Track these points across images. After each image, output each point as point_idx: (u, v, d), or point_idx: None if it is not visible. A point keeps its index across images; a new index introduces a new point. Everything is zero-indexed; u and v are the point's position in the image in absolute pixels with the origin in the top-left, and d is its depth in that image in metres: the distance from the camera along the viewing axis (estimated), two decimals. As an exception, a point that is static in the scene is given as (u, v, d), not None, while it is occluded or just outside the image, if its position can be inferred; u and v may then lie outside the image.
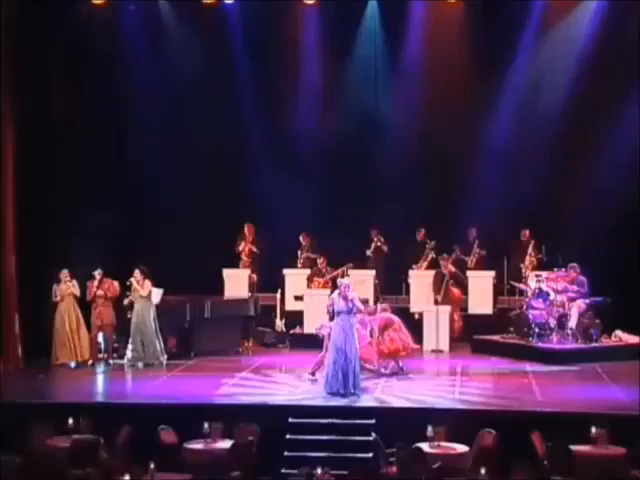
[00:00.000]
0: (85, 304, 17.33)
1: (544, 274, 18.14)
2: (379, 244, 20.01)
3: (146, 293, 16.87)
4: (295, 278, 19.51)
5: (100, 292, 17.15)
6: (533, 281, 18.12)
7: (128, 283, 16.96)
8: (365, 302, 16.70)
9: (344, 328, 14.50)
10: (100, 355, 17.37)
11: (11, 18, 16.72)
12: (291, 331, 19.04)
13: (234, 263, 20.02)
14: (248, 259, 20.07)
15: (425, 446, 11.89)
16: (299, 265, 20.05)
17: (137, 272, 16.93)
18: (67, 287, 17.07)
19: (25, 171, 17.21)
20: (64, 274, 17.04)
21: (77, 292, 17.18)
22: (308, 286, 19.30)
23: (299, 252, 20.10)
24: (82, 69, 18.95)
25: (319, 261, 19.50)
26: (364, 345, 15.55)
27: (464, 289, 19.21)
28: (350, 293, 14.59)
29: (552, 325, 17.50)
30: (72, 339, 17.08)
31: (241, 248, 20.04)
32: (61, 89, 18.53)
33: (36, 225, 17.35)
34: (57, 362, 16.97)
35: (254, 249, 20.08)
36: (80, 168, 18.72)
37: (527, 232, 19.44)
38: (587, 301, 17.67)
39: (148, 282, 16.96)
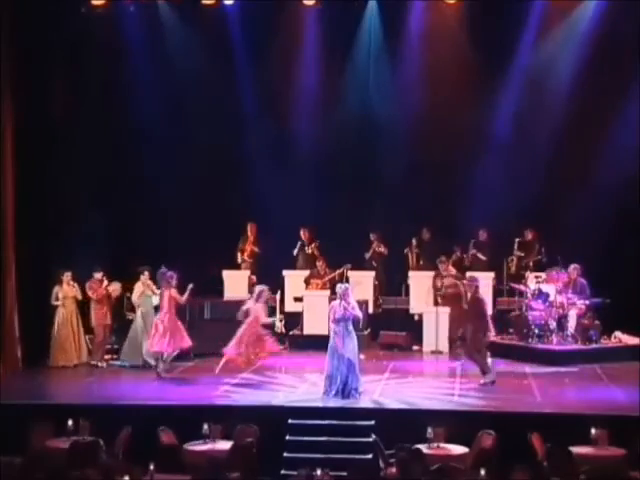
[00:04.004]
0: (82, 306, 17.33)
1: (543, 275, 18.15)
2: (379, 249, 19.99)
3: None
4: (294, 279, 19.50)
5: (103, 292, 17.13)
6: (532, 282, 18.12)
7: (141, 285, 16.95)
8: (364, 303, 16.73)
9: (342, 334, 14.50)
10: (107, 356, 17.39)
11: (11, 18, 16.72)
12: (290, 332, 19.03)
13: (234, 264, 20.00)
14: (250, 259, 20.04)
15: (425, 447, 11.89)
16: (298, 261, 19.97)
17: (147, 274, 16.89)
18: (70, 289, 17.03)
19: (25, 171, 17.20)
20: (67, 276, 16.98)
21: (79, 295, 17.14)
22: (306, 287, 19.28)
23: (296, 250, 20.03)
24: (82, 69, 18.96)
25: (318, 263, 19.48)
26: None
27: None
28: (348, 299, 14.61)
29: (552, 326, 17.50)
30: (73, 342, 17.04)
31: (243, 248, 19.99)
32: (61, 89, 18.53)
33: (36, 225, 17.32)
34: (56, 365, 16.92)
35: (255, 249, 20.05)
36: (80, 168, 18.73)
37: (530, 233, 19.46)
38: (587, 302, 17.67)
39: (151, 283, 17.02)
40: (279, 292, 19.29)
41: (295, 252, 20.00)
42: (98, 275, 17.22)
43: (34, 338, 16.99)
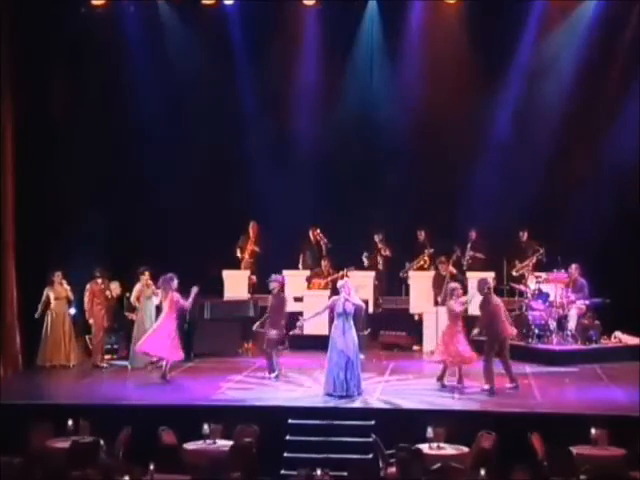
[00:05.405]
0: (79, 305, 17.32)
1: (543, 275, 18.15)
2: (385, 252, 19.95)
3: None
4: (295, 279, 19.45)
5: (105, 302, 17.12)
6: (533, 282, 18.12)
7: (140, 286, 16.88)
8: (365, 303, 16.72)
9: (342, 328, 14.53)
10: (107, 356, 17.37)
11: (11, 18, 16.72)
12: (290, 332, 19.01)
13: (234, 264, 19.99)
14: (250, 259, 20.03)
15: (425, 447, 11.90)
16: (306, 261, 19.96)
17: (147, 275, 16.83)
18: (63, 289, 17.01)
19: (25, 171, 17.19)
20: (58, 276, 16.97)
21: (71, 295, 17.12)
22: (307, 287, 19.28)
23: (304, 254, 20.00)
24: (82, 69, 18.96)
25: (323, 262, 19.48)
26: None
27: (464, 290, 19.17)
28: (348, 291, 14.66)
29: (552, 326, 17.50)
30: (63, 342, 17.00)
31: (243, 246, 19.97)
32: (61, 89, 18.53)
33: (36, 226, 17.31)
34: (45, 364, 16.87)
35: (256, 249, 20.03)
36: (80, 168, 18.72)
37: (526, 233, 19.45)
38: (587, 302, 17.68)
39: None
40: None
41: (300, 263, 19.97)
42: (99, 280, 17.18)
43: (34, 338, 16.97)
